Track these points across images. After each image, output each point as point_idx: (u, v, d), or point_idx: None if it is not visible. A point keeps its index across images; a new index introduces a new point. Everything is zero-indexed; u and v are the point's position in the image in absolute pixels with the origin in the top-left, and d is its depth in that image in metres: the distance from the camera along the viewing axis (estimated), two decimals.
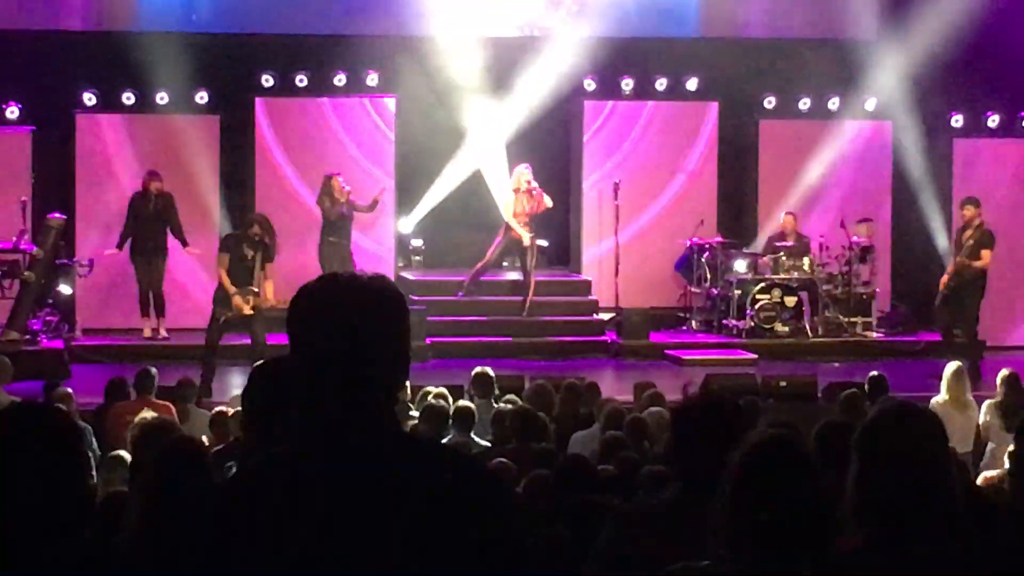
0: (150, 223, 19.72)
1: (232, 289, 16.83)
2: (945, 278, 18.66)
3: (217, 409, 12.42)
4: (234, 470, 5.72)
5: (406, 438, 3.29)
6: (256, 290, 16.86)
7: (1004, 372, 13.42)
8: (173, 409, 12.77)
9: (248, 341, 17.09)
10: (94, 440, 11.80)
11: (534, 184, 20.22)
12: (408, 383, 12.85)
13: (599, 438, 10.63)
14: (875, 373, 14.14)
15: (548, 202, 20.33)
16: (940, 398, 13.48)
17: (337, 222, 19.82)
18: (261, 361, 4.80)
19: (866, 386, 13.67)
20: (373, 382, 3.25)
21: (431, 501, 3.11)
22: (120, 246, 19.78)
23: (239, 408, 11.58)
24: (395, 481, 3.13)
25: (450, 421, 11.37)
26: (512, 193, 20.42)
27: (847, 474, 4.14)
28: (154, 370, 13.41)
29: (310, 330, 3.28)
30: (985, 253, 18.39)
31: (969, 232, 18.51)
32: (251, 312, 16.84)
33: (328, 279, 3.37)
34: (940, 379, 13.80)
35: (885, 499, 4.07)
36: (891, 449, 4.10)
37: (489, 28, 22.27)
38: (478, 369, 13.53)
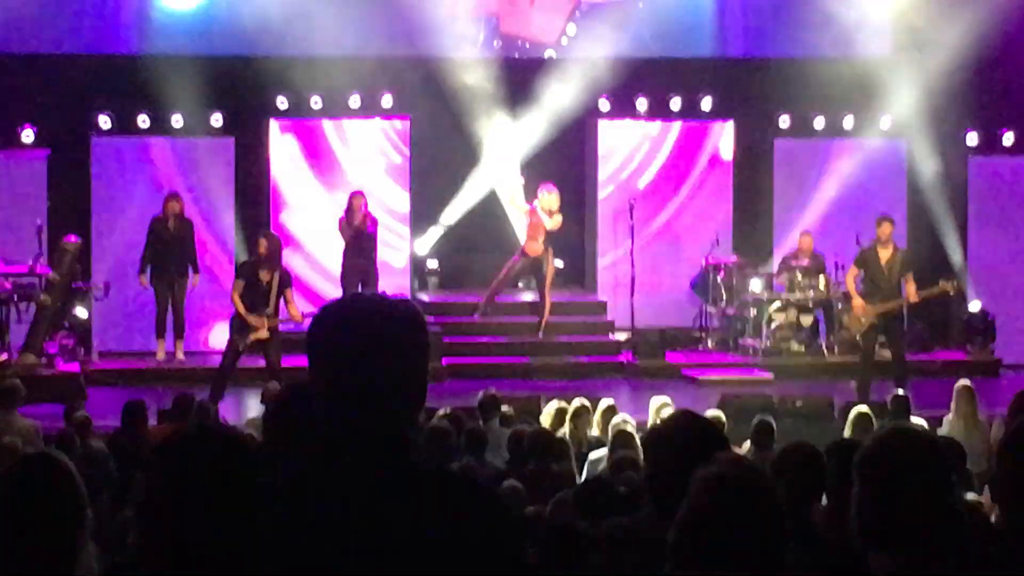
0: (170, 246, 19.69)
1: (244, 312, 16.83)
2: (880, 310, 17.49)
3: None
4: None
5: (414, 470, 3.17)
6: (271, 311, 16.84)
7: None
8: None
9: (263, 364, 17.13)
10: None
11: (539, 206, 20.13)
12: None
13: (609, 458, 10.55)
14: (900, 392, 14.01)
15: (548, 224, 20.14)
16: (948, 417, 13.45)
17: (352, 241, 19.78)
18: (282, 386, 4.71)
19: (888, 406, 13.50)
20: (385, 409, 3.15)
21: (434, 536, 3.05)
22: (143, 273, 19.67)
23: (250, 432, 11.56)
24: (398, 515, 3.07)
25: (458, 443, 11.22)
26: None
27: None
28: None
29: (325, 352, 3.19)
30: (910, 276, 17.53)
31: (888, 254, 17.51)
32: (267, 335, 16.85)
33: (348, 300, 3.27)
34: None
35: (888, 522, 4.06)
36: (892, 472, 4.08)
37: (502, 48, 22.30)
38: (484, 391, 13.45)
